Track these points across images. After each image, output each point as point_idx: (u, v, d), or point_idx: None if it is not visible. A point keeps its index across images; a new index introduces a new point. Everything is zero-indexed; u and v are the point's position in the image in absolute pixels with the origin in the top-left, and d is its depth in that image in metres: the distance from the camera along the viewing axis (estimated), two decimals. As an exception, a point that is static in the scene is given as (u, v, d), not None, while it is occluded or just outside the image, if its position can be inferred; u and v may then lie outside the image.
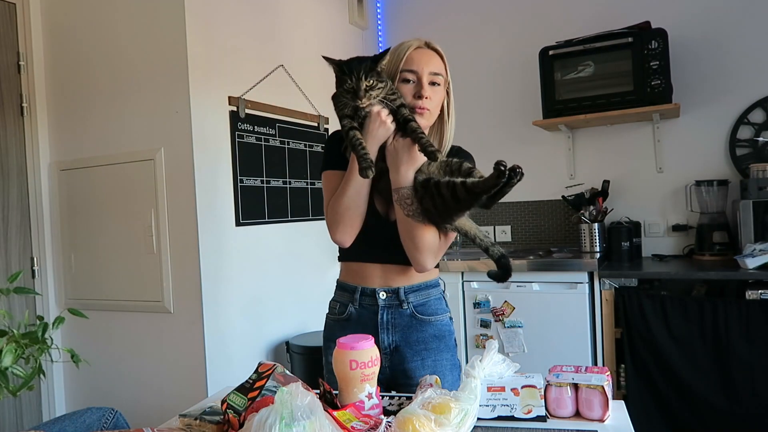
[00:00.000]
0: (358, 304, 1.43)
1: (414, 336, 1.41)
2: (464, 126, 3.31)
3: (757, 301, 2.22)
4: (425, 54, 1.39)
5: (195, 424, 1.01)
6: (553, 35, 2.93)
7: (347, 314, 1.44)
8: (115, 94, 2.36)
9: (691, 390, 2.29)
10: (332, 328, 1.48)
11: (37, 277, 2.48)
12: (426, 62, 1.38)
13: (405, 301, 1.41)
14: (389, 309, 1.41)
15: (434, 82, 1.39)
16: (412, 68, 1.37)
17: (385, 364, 1.40)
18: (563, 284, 2.55)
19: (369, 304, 1.42)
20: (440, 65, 1.40)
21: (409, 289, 1.41)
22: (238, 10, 2.45)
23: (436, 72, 1.39)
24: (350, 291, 1.45)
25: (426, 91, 1.36)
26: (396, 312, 1.41)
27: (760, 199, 2.46)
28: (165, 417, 1.23)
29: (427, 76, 1.37)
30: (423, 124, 1.35)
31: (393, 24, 3.53)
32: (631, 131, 2.98)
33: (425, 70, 1.37)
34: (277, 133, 2.63)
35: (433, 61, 1.39)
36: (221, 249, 2.31)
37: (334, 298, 1.51)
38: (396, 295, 1.41)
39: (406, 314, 1.41)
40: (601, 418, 1.05)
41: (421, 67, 1.37)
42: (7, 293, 1.14)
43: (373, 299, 1.41)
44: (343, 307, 1.45)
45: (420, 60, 1.38)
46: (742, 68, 2.76)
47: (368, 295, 1.42)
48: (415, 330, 1.41)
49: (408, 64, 1.37)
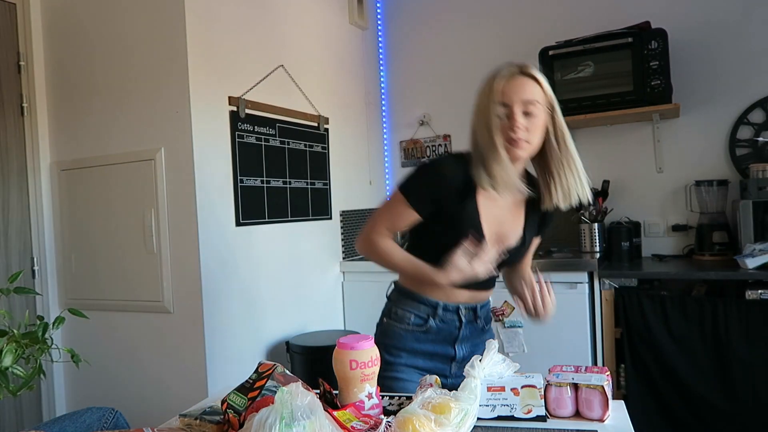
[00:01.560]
0: (440, 320, 1.43)
1: (481, 345, 1.40)
2: (464, 126, 3.32)
3: (757, 301, 2.22)
4: (516, 83, 1.31)
5: (195, 424, 1.01)
6: (553, 35, 2.93)
7: (427, 327, 1.43)
8: (115, 94, 2.36)
9: (691, 390, 2.29)
10: (404, 338, 1.45)
11: (37, 277, 2.48)
12: (517, 91, 1.30)
13: (479, 317, 1.48)
14: (469, 324, 1.46)
15: (528, 112, 1.30)
16: (504, 101, 1.30)
17: (456, 372, 1.45)
18: (563, 284, 2.55)
19: (450, 318, 1.44)
20: (535, 92, 1.32)
21: (482, 305, 1.49)
22: (238, 10, 2.45)
23: (528, 99, 1.30)
24: (430, 305, 1.43)
25: (518, 123, 1.29)
26: (472, 326, 1.47)
27: (760, 199, 2.46)
28: (165, 417, 1.23)
29: (520, 106, 1.30)
30: (521, 157, 1.33)
31: (393, 24, 3.53)
32: (631, 131, 2.98)
33: (516, 100, 1.30)
34: (277, 133, 2.63)
35: (527, 88, 1.31)
36: (221, 249, 2.31)
37: (402, 306, 1.46)
38: (474, 312, 1.46)
39: (478, 327, 1.49)
40: (601, 418, 1.05)
41: (512, 99, 1.30)
42: (7, 293, 1.14)
43: (455, 315, 1.44)
44: (419, 319, 1.43)
45: (510, 91, 1.30)
46: (742, 68, 2.76)
47: (450, 311, 1.43)
48: (481, 338, 1.48)
49: (500, 97, 1.30)
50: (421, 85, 3.44)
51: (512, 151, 1.32)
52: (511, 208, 1.42)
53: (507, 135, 1.30)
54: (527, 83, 1.32)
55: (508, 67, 1.34)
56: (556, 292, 1.46)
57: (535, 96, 1.31)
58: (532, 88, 1.32)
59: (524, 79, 1.32)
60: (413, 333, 1.44)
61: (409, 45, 3.46)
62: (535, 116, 1.31)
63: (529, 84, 1.32)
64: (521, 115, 1.30)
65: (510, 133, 1.30)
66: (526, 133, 1.30)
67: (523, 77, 1.32)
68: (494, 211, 1.38)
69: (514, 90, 1.30)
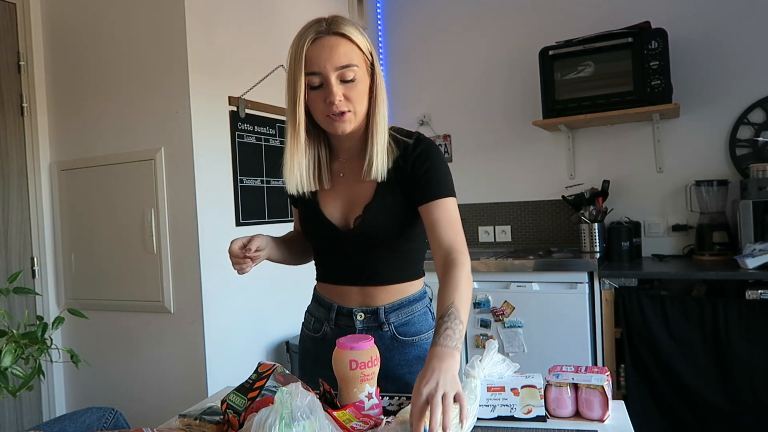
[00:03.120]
0: (334, 324, 1.28)
1: (396, 359, 1.25)
2: (464, 126, 3.35)
3: (757, 301, 2.22)
4: (326, 46, 1.11)
5: (195, 424, 1.01)
6: (553, 35, 2.93)
7: (322, 333, 1.30)
8: (115, 94, 2.36)
9: (691, 390, 2.29)
10: (307, 342, 1.36)
11: (37, 277, 2.48)
12: (328, 57, 1.10)
13: (385, 323, 1.24)
14: (368, 331, 1.25)
15: (346, 78, 1.12)
16: (314, 70, 1.11)
17: None
18: (563, 284, 2.55)
19: (345, 324, 1.27)
20: (350, 53, 1.12)
21: (390, 308, 1.25)
22: (238, 10, 2.45)
23: (344, 65, 1.11)
24: (326, 307, 1.30)
25: (336, 95, 1.11)
26: (375, 334, 1.22)
27: (760, 199, 2.46)
28: (165, 417, 1.23)
29: (335, 73, 1.11)
30: (347, 129, 1.15)
31: (393, 24, 3.53)
32: (630, 131, 2.98)
33: (329, 68, 1.11)
34: (277, 133, 2.63)
35: (339, 50, 1.11)
36: (221, 249, 2.30)
37: (309, 309, 1.38)
38: (375, 316, 1.25)
39: (387, 336, 1.25)
40: (601, 418, 1.05)
41: (323, 65, 1.11)
42: (7, 293, 1.14)
43: (349, 319, 1.26)
44: (318, 324, 1.32)
45: (320, 56, 1.11)
46: (742, 68, 2.76)
47: (345, 315, 1.27)
48: (397, 352, 1.25)
49: (309, 65, 1.11)
50: (421, 85, 3.45)
51: (335, 126, 1.14)
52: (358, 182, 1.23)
53: (326, 109, 1.13)
54: (339, 44, 1.11)
55: (316, 25, 1.13)
56: (557, 292, 1.44)
57: (351, 59, 1.12)
58: (346, 49, 1.11)
59: (335, 39, 1.11)
60: (313, 340, 1.33)
61: (409, 45, 3.46)
62: (354, 83, 1.13)
63: (342, 44, 1.11)
64: (338, 84, 1.12)
65: (330, 108, 1.12)
66: (348, 102, 1.13)
67: (334, 37, 1.11)
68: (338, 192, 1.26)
69: (325, 55, 1.10)
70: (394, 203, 1.21)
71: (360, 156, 1.22)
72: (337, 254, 1.28)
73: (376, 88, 1.17)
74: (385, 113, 1.19)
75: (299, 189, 1.23)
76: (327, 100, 1.12)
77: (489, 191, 3.29)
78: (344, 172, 1.26)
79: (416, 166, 1.19)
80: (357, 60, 1.13)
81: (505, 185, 3.26)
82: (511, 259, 2.70)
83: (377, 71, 1.18)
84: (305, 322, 1.39)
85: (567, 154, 3.11)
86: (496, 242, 3.30)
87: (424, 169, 1.19)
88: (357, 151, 1.24)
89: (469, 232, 3.20)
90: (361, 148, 1.22)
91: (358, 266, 1.26)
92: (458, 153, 3.34)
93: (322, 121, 1.17)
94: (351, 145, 1.24)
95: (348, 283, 1.27)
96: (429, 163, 1.19)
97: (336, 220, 1.25)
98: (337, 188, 1.26)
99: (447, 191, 1.19)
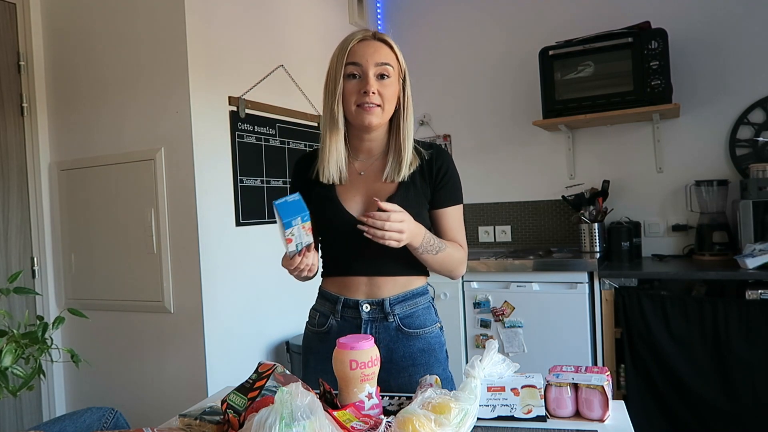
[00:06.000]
0: (340, 317, 1.34)
1: (400, 351, 1.31)
2: (464, 126, 3.35)
3: (757, 301, 2.22)
4: (370, 46, 1.28)
5: (195, 424, 1.01)
6: (553, 35, 2.93)
7: (327, 326, 1.35)
8: (115, 94, 2.36)
9: (691, 390, 2.29)
10: (311, 339, 1.41)
11: (37, 277, 2.48)
12: (371, 54, 1.26)
13: (390, 314, 1.31)
14: (373, 323, 1.32)
15: (383, 74, 1.27)
16: (356, 60, 1.26)
17: None
18: (563, 284, 2.55)
19: (351, 316, 1.33)
20: (389, 55, 1.29)
21: (395, 300, 1.32)
22: (238, 10, 2.45)
23: (383, 62, 1.27)
24: (332, 301, 1.36)
25: (371, 86, 1.25)
26: (381, 326, 1.31)
27: (760, 199, 2.46)
28: (165, 417, 1.23)
29: (374, 68, 1.26)
30: (374, 123, 1.27)
31: (393, 24, 3.53)
32: (630, 131, 2.98)
33: (370, 62, 1.26)
34: (277, 133, 2.63)
35: (381, 51, 1.28)
36: (221, 249, 2.30)
37: (314, 306, 1.43)
38: (381, 308, 1.31)
39: (392, 328, 1.31)
40: (601, 418, 1.05)
41: (365, 59, 1.26)
42: (7, 293, 1.14)
43: (356, 311, 1.32)
44: (323, 318, 1.37)
45: (365, 52, 1.27)
46: (742, 68, 2.76)
47: (351, 307, 1.33)
48: (402, 344, 1.31)
49: (351, 56, 1.26)
50: (421, 84, 3.44)
51: (363, 117, 1.27)
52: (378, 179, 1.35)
53: (359, 98, 1.26)
54: (381, 47, 1.29)
55: (363, 32, 1.30)
56: (557, 292, 1.46)
57: (389, 59, 1.28)
58: (386, 52, 1.29)
59: (379, 43, 1.29)
60: (318, 335, 1.37)
61: (409, 45, 3.46)
62: (389, 81, 1.28)
63: (384, 48, 1.29)
64: (374, 78, 1.26)
65: (363, 98, 1.25)
66: (380, 98, 1.26)
67: (377, 42, 1.29)
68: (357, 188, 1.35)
69: (369, 52, 1.26)
70: (415, 199, 1.33)
71: (380, 157, 1.35)
72: (350, 245, 1.32)
73: (407, 99, 1.33)
74: (412, 121, 1.35)
75: (333, 175, 1.32)
76: (362, 90, 1.25)
77: (489, 191, 3.29)
78: (364, 171, 1.36)
79: (439, 174, 1.35)
80: (393, 64, 1.29)
81: (505, 185, 3.27)
82: (511, 259, 2.70)
83: (408, 84, 1.33)
84: (309, 320, 1.43)
85: (567, 154, 3.12)
86: (496, 242, 3.30)
87: (446, 178, 1.35)
88: (378, 152, 1.36)
89: (469, 232, 3.20)
90: (382, 149, 1.36)
91: (370, 257, 1.31)
92: (458, 153, 3.34)
93: (353, 111, 1.28)
94: (372, 146, 1.36)
95: (357, 273, 1.34)
96: (450, 173, 1.36)
97: (355, 212, 1.32)
98: (356, 185, 1.35)
99: (461, 198, 1.39)
